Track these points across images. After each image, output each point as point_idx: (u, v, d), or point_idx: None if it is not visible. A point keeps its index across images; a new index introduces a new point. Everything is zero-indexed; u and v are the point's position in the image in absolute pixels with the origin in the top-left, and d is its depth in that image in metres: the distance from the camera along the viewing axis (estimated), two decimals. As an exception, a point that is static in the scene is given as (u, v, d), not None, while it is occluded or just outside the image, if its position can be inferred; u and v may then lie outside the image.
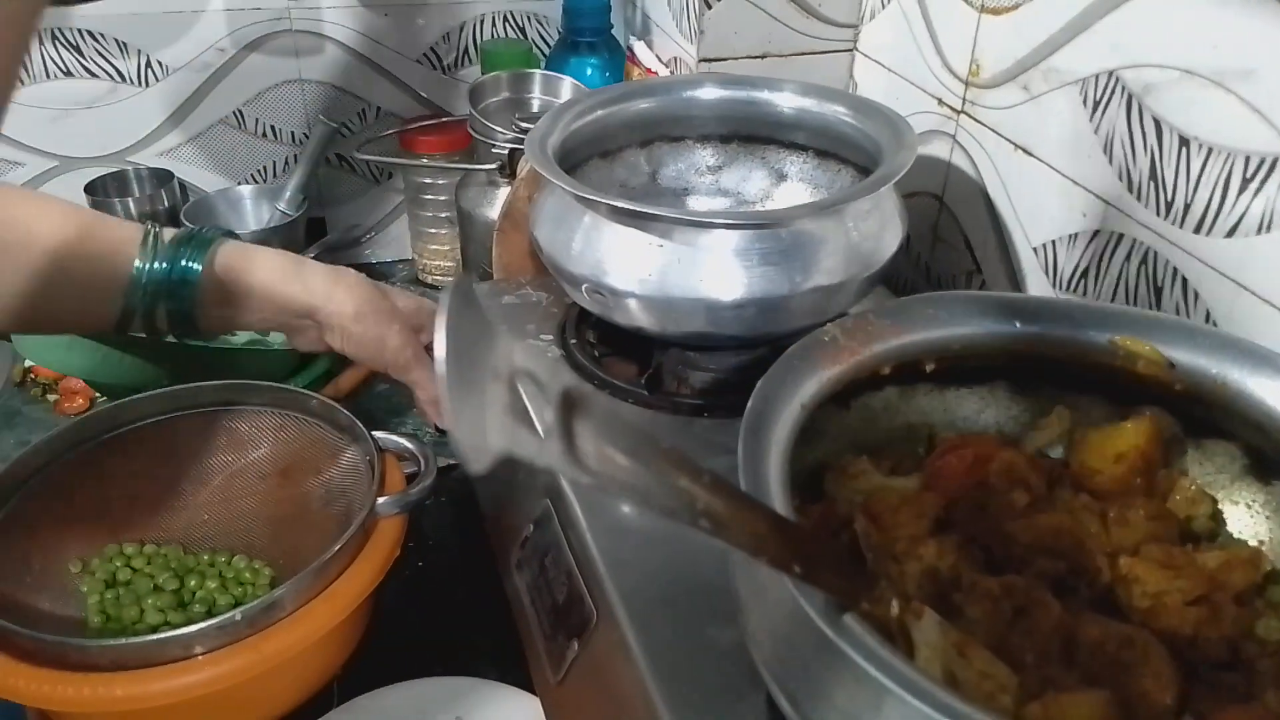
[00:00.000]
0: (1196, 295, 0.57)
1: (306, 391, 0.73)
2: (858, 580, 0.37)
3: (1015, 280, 0.72)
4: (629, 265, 0.64)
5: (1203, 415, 0.47)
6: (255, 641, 0.57)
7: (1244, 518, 0.48)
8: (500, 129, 0.95)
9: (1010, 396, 0.52)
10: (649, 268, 0.64)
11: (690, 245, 0.63)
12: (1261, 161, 0.52)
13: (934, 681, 0.33)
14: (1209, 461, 0.49)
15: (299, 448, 0.73)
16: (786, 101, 0.78)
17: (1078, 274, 0.66)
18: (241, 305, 0.69)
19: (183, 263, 0.66)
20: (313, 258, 1.09)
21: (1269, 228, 0.52)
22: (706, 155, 0.84)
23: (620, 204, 0.63)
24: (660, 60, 1.03)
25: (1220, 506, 0.48)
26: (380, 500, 0.66)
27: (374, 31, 1.10)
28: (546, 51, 1.14)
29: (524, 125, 0.96)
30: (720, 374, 0.70)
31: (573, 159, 0.77)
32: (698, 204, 0.84)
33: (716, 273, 0.63)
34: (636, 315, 0.66)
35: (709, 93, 0.80)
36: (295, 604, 0.59)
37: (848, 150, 0.76)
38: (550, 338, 0.76)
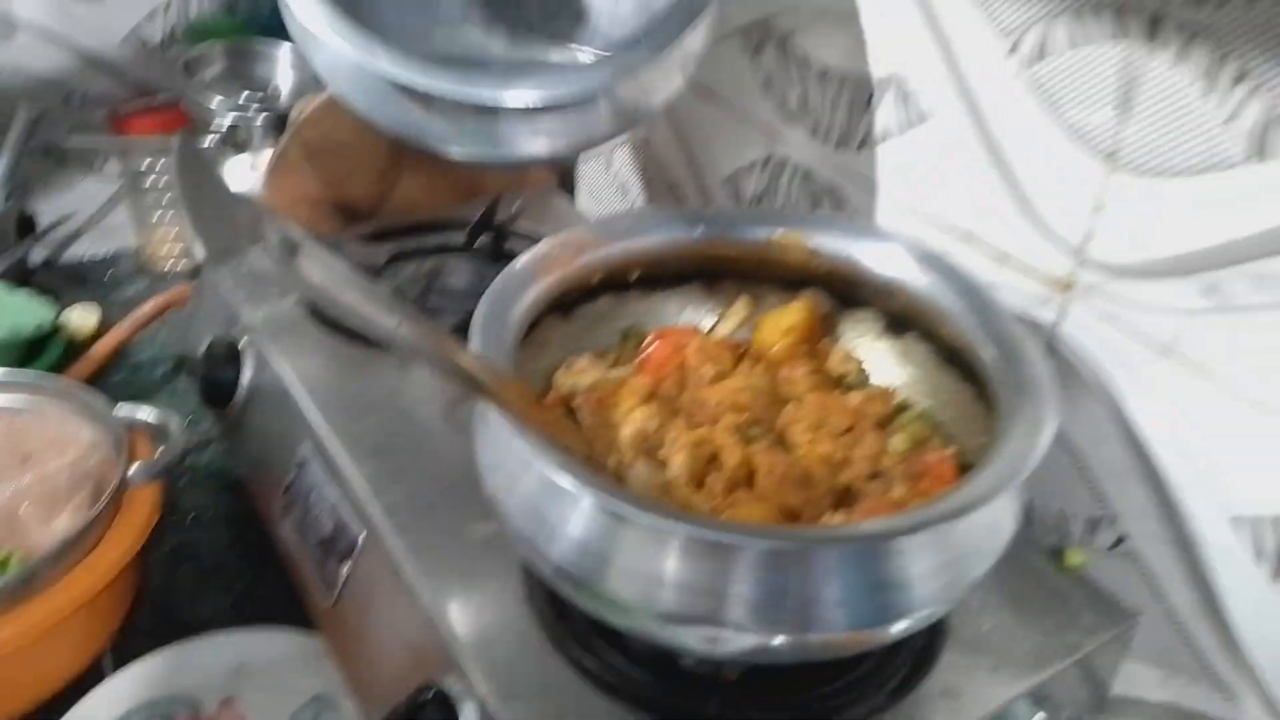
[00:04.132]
0: (844, 202, 0.69)
1: (41, 373, 0.72)
2: (579, 438, 0.45)
3: (712, 208, 0.82)
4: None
5: (846, 290, 0.59)
6: (17, 615, 0.57)
7: (888, 367, 0.59)
8: (218, 101, 0.95)
9: (703, 294, 0.62)
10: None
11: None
12: (877, 83, 0.64)
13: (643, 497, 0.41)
14: (858, 326, 0.60)
15: (37, 433, 0.72)
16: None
17: (755, 198, 0.77)
18: None
19: None
20: (24, 256, 1.04)
21: (886, 137, 0.64)
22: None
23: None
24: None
25: (867, 362, 0.59)
26: (132, 468, 0.67)
27: (71, 13, 1.05)
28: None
29: (243, 96, 0.97)
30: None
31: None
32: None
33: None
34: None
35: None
36: (55, 575, 0.59)
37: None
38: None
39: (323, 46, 0.59)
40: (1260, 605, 0.53)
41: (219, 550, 0.80)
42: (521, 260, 0.54)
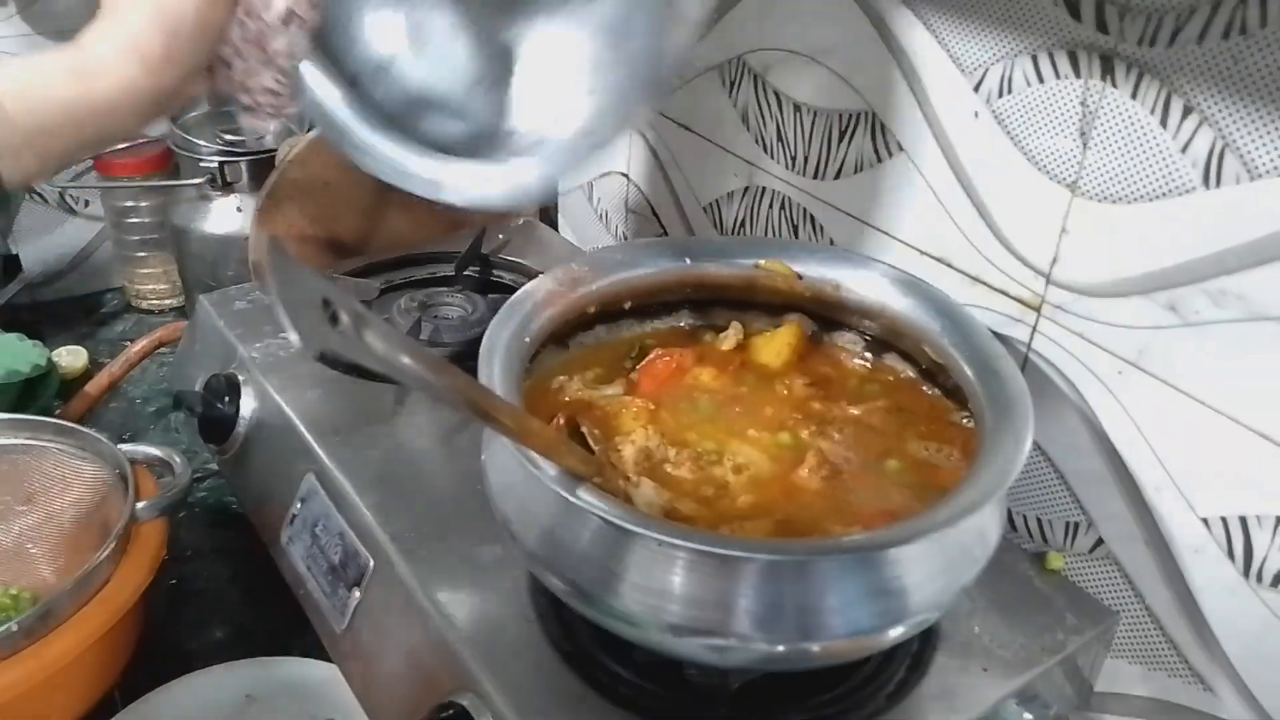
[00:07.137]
0: (822, 228, 0.73)
1: (40, 418, 0.73)
2: (588, 462, 0.47)
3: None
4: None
5: (828, 313, 0.62)
6: (36, 650, 0.58)
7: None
8: (204, 143, 0.97)
9: (693, 320, 0.65)
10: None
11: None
12: (849, 117, 0.68)
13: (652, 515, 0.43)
14: (840, 349, 0.63)
15: (41, 473, 0.73)
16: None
17: (738, 224, 0.80)
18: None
19: None
20: (11, 299, 1.05)
21: (861, 168, 0.68)
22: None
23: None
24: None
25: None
26: (139, 505, 0.68)
27: (50, 56, 1.06)
28: (241, 68, 1.15)
29: (228, 138, 0.99)
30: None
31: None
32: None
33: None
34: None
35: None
36: (71, 610, 0.61)
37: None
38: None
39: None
40: (1232, 601, 0.56)
41: (220, 584, 0.81)
42: (521, 294, 0.56)
